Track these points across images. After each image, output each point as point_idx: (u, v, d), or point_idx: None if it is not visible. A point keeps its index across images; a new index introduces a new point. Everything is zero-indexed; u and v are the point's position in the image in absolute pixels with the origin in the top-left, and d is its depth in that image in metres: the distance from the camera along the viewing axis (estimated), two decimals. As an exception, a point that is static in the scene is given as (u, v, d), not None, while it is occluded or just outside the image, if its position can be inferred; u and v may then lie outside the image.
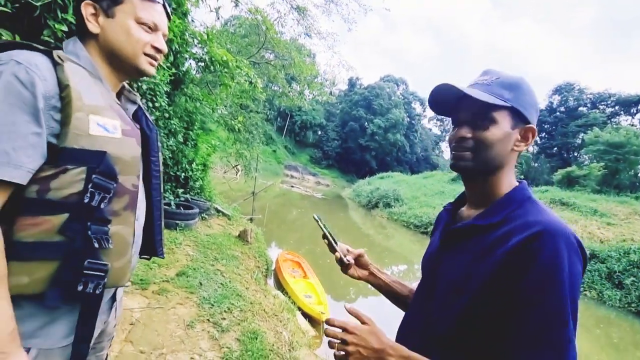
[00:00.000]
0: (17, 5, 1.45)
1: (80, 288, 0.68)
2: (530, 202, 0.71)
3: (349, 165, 46.85)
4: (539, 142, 37.31)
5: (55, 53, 0.69)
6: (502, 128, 0.70)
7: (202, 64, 5.78)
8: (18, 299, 0.64)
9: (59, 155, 0.66)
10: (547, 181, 25.82)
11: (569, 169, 20.43)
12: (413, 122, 51.01)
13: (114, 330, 0.94)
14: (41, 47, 0.69)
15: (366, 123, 45.05)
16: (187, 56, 5.07)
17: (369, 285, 1.13)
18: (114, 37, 0.77)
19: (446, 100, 0.77)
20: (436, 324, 0.74)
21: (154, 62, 0.83)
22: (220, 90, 9.24)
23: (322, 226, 1.06)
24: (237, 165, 14.33)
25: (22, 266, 0.64)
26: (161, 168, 0.94)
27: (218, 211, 6.89)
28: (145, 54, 0.81)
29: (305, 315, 4.69)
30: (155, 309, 2.71)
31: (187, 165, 5.68)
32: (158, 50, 0.83)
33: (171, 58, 3.63)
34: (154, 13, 0.80)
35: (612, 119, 31.71)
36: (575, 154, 33.44)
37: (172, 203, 5.18)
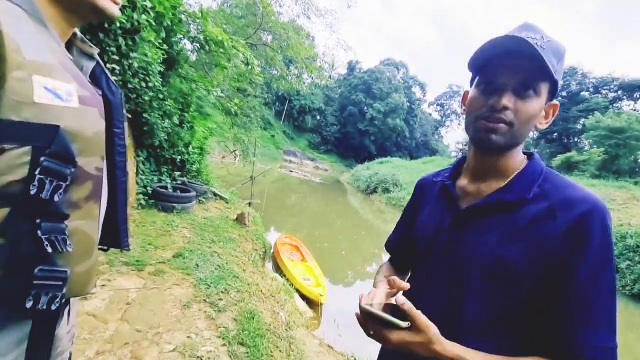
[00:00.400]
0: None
1: (29, 304, 0.52)
2: (551, 174, 0.69)
3: (347, 150, 46.67)
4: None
5: None
6: (541, 101, 0.63)
7: (197, 44, 5.64)
8: None
9: None
10: (546, 166, 25.72)
11: (568, 154, 20.41)
12: (413, 106, 50.49)
13: (70, 344, 0.75)
14: None
15: (365, 107, 44.60)
16: (180, 35, 4.92)
17: (367, 268, 1.07)
18: None
19: (488, 56, 0.64)
20: (471, 312, 0.67)
21: (118, 1, 0.67)
22: (217, 72, 9.08)
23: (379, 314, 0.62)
24: (235, 150, 14.26)
25: None
26: (127, 142, 0.77)
27: (215, 195, 6.87)
28: None
29: (304, 297, 4.74)
30: (152, 289, 2.72)
31: (183, 148, 5.62)
32: None
33: (162, 34, 3.50)
34: None
35: (614, 104, 31.43)
36: (576, 140, 33.32)
37: (169, 186, 5.15)
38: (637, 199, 13.25)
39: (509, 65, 0.61)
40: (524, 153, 0.73)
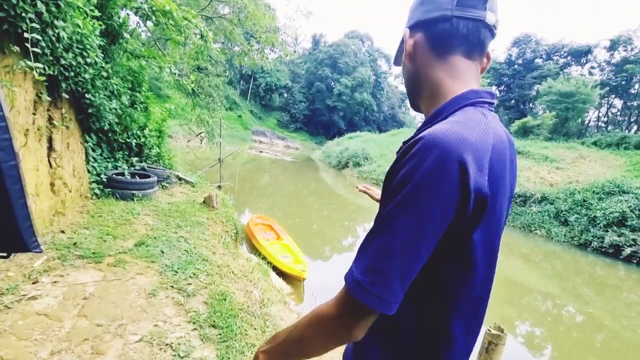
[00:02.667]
0: None
1: None
2: (460, 112, 0.57)
3: (317, 127, 46.29)
4: (498, 95, 38.59)
5: None
6: (405, 50, 0.69)
7: (143, 15, 5.12)
8: None
9: None
10: (505, 133, 27.04)
11: (524, 119, 21.52)
12: (379, 80, 50.45)
13: None
14: None
15: (332, 83, 44.00)
16: (120, 4, 4.42)
17: (343, 242, 1.07)
18: None
19: None
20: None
21: None
22: (171, 50, 8.43)
23: None
24: (200, 133, 13.62)
25: None
26: (9, 124, 0.62)
27: (180, 179, 6.55)
28: None
29: (285, 275, 4.73)
30: (112, 281, 2.55)
31: (138, 131, 5.22)
32: None
33: (95, 1, 3.10)
34: None
35: (564, 70, 33.18)
36: (531, 105, 35.13)
37: (126, 172, 4.80)
38: (584, 158, 14.36)
39: None
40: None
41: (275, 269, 4.79)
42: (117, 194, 4.43)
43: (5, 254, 0.65)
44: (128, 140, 5.01)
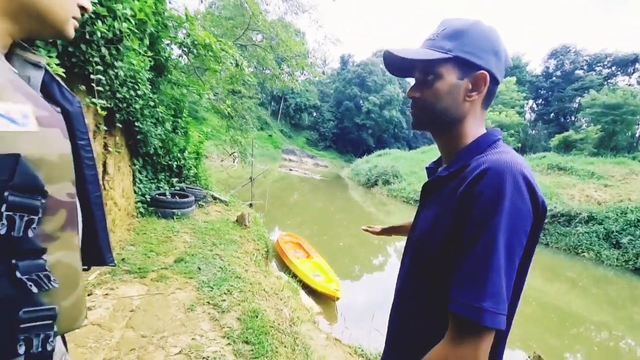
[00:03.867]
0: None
1: (21, 350, 0.49)
2: (493, 146, 0.68)
3: (346, 145, 46.58)
4: (535, 108, 36.92)
5: None
6: (447, 81, 0.68)
7: (185, 49, 5.62)
8: None
9: None
10: (545, 148, 25.75)
11: (565, 133, 20.38)
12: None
13: None
14: None
15: (361, 101, 44.44)
16: (167, 41, 4.91)
17: (372, 262, 1.17)
18: None
19: (404, 64, 0.74)
20: (408, 282, 0.77)
21: (77, 24, 0.64)
22: (208, 76, 9.07)
23: None
24: (233, 153, 14.27)
25: None
26: (94, 154, 0.71)
27: (215, 198, 6.89)
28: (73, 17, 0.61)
29: (315, 293, 4.76)
30: (155, 295, 2.74)
31: (178, 154, 5.63)
32: (84, 10, 0.65)
33: (147, 42, 3.50)
34: None
35: (609, 80, 31.23)
36: (572, 119, 33.20)
37: (167, 192, 5.17)
38: (636, 174, 13.22)
39: (414, 66, 0.74)
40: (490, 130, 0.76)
41: (305, 287, 4.84)
42: (159, 212, 4.76)
43: (86, 267, 0.74)
44: (170, 162, 5.42)
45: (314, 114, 48.66)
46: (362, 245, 9.32)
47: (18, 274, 0.48)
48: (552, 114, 34.92)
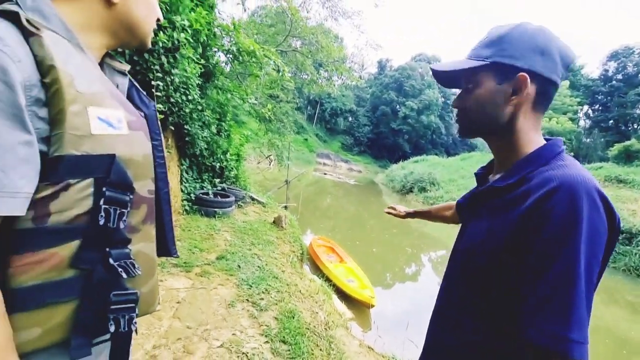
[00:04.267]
0: None
1: (112, 329, 0.55)
2: (557, 159, 0.65)
3: (381, 150, 45.97)
4: (591, 115, 33.98)
5: (24, 16, 0.48)
6: (486, 88, 0.68)
7: (231, 55, 5.91)
8: (33, 355, 0.50)
9: (56, 167, 0.48)
10: (601, 157, 23.61)
11: (627, 142, 18.48)
12: (448, 101, 48.49)
13: None
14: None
15: (398, 106, 43.71)
16: (215, 49, 5.19)
17: (406, 270, 1.16)
18: (135, 8, 0.62)
19: (451, 76, 0.77)
20: (454, 291, 0.75)
21: (152, 34, 0.71)
22: (250, 81, 9.44)
23: None
24: (270, 155, 14.67)
25: (29, 317, 0.48)
26: (165, 153, 0.79)
27: (253, 199, 7.12)
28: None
29: (348, 298, 4.74)
30: (199, 289, 2.89)
31: (221, 156, 5.90)
32: (158, 21, 0.71)
33: (200, 50, 3.74)
34: None
35: (682, 84, 27.95)
36: (635, 126, 30.10)
37: (210, 192, 5.44)
38: None
39: (447, 83, 0.80)
40: (549, 139, 0.73)
41: (338, 292, 4.83)
42: (202, 211, 5.02)
43: None
44: (213, 163, 5.70)
45: (350, 119, 48.63)
46: (396, 252, 9.12)
47: (111, 261, 0.54)
48: (611, 121, 31.91)
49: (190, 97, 4.09)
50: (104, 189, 0.52)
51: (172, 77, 3.09)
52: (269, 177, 15.70)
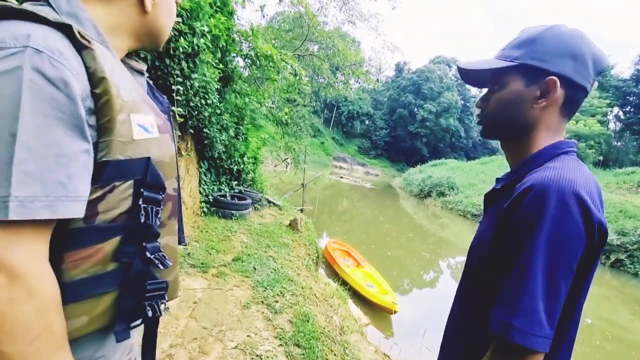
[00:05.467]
0: None
1: (150, 314, 0.61)
2: (553, 160, 0.64)
3: (398, 153, 45.44)
4: (622, 117, 32.33)
5: (75, 29, 0.49)
6: (511, 90, 0.67)
7: (249, 60, 6.01)
8: (80, 340, 0.56)
9: (103, 171, 0.52)
10: (633, 162, 22.42)
11: (663, 146, 17.45)
12: (468, 104, 47.48)
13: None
14: (50, 18, 0.48)
15: (415, 109, 43.12)
16: (234, 54, 5.29)
17: (423, 276, 1.16)
18: (162, 16, 0.66)
19: (478, 76, 0.77)
20: (465, 290, 0.78)
21: None
22: (267, 85, 9.57)
23: None
24: (286, 159, 14.79)
25: (78, 307, 0.54)
26: (175, 149, 0.81)
27: (269, 202, 7.17)
28: None
29: (367, 303, 4.67)
30: (215, 290, 2.93)
31: (239, 159, 5.99)
32: None
33: (219, 55, 3.82)
34: None
35: None
36: (672, 129, 28.36)
37: (227, 194, 5.52)
38: None
39: (472, 82, 0.80)
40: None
41: (355, 296, 4.78)
42: (219, 212, 5.10)
43: None
44: (231, 166, 5.79)
45: (366, 122, 48.40)
46: (412, 257, 8.95)
47: (148, 254, 0.59)
48: (644, 124, 30.23)
49: (209, 101, 4.18)
50: (141, 189, 0.57)
51: (191, 82, 3.17)
52: (285, 180, 15.80)
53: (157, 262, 0.59)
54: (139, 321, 0.63)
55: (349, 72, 11.86)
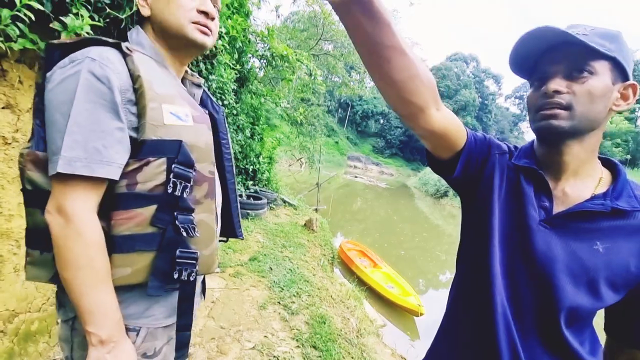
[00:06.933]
0: (107, 20, 1.65)
1: (176, 276, 0.70)
2: (634, 182, 0.67)
3: (413, 153, 44.89)
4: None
5: (124, 45, 0.69)
6: (602, 80, 0.60)
7: (264, 61, 6.04)
8: (124, 289, 0.69)
9: (141, 148, 0.67)
10: (664, 161, 21.25)
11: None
12: (486, 102, 46.39)
13: (197, 306, 0.94)
14: (111, 41, 0.69)
15: (432, 107, 42.43)
16: (250, 55, 5.32)
17: (439, 277, 1.08)
18: (159, 11, 0.75)
19: (530, 54, 0.65)
20: (563, 310, 0.63)
21: (204, 29, 0.77)
22: (282, 85, 9.60)
23: None
24: (301, 158, 14.83)
25: (123, 258, 0.67)
26: (232, 151, 0.95)
27: (284, 201, 7.20)
28: (193, 22, 0.76)
29: (390, 304, 4.58)
30: (232, 289, 2.95)
31: (254, 159, 6.03)
32: (206, 15, 0.77)
33: (235, 56, 3.84)
34: None
35: None
36: None
37: (243, 194, 5.56)
38: None
39: (554, 56, 0.62)
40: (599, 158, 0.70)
41: (378, 298, 4.70)
42: (236, 212, 5.15)
43: (225, 239, 1.01)
44: (246, 166, 5.84)
45: (381, 121, 48.00)
46: (427, 257, 8.80)
47: (177, 222, 0.70)
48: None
49: (225, 102, 4.21)
50: (173, 165, 0.69)
51: (209, 83, 3.19)
52: (300, 179, 15.85)
53: (182, 229, 0.70)
54: (174, 285, 0.73)
55: (364, 70, 11.76)
